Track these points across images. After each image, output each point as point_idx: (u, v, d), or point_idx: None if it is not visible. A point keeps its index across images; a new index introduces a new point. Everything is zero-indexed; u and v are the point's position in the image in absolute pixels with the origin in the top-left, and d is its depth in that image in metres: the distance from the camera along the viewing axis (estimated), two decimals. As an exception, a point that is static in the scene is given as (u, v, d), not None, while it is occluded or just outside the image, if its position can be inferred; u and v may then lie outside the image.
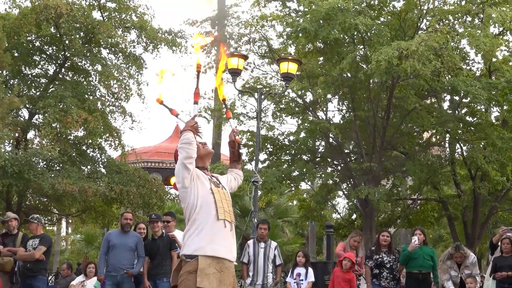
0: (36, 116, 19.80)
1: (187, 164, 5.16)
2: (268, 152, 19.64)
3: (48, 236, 11.08)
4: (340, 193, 22.48)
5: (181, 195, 5.30)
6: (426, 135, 20.76)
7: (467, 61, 19.14)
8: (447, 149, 20.40)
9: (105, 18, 19.93)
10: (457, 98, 19.03)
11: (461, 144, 19.80)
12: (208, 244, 5.08)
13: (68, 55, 19.64)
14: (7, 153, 16.92)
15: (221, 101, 6.46)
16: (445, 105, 20.41)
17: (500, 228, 11.08)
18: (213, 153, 5.63)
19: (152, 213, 11.61)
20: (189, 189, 5.23)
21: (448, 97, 19.82)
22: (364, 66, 17.53)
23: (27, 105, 19.07)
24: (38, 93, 19.65)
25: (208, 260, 5.04)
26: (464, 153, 19.76)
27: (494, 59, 18.08)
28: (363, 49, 17.77)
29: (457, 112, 19.43)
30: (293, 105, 19.69)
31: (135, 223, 11.76)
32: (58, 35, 19.29)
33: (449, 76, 17.62)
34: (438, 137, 19.66)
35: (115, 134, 19.91)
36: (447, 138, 19.68)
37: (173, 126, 29.26)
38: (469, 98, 17.82)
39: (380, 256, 10.78)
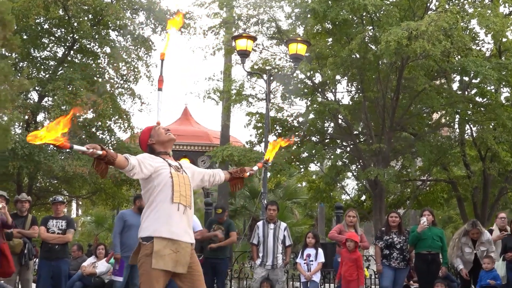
0: (46, 99, 19.86)
1: (134, 176, 5.28)
2: (277, 133, 19.62)
3: (72, 218, 11.26)
4: (349, 174, 22.44)
5: (141, 183, 5.48)
6: (435, 116, 20.67)
7: (477, 41, 19.04)
8: (457, 130, 20.33)
9: (113, 0, 19.90)
10: (466, 78, 18.94)
11: (471, 125, 19.75)
12: (164, 226, 5.29)
13: (77, 37, 19.65)
14: (17, 135, 17.00)
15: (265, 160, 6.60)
16: (455, 85, 20.34)
17: (501, 233, 11.10)
18: (175, 140, 5.80)
19: None
20: (148, 178, 5.40)
21: (458, 77, 19.74)
22: (373, 47, 17.45)
23: (37, 88, 19.13)
24: (47, 76, 19.70)
25: (163, 242, 5.26)
26: (474, 134, 19.70)
27: (504, 39, 18.00)
28: (372, 30, 17.69)
29: (466, 92, 19.36)
30: (302, 86, 19.63)
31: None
32: (67, 18, 19.31)
33: (459, 56, 17.52)
34: (447, 118, 19.59)
35: (124, 116, 19.96)
36: (456, 119, 19.61)
37: (182, 108, 29.35)
38: (479, 79, 17.72)
39: (390, 236, 10.79)
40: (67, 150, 18.10)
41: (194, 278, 5.43)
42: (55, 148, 17.98)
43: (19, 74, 17.71)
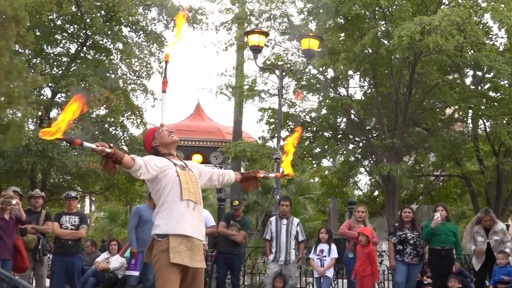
0: (59, 95, 19.95)
1: (140, 176, 5.35)
2: (289, 129, 19.59)
3: (85, 214, 11.32)
4: (362, 169, 22.39)
5: (149, 185, 5.58)
6: (448, 111, 20.58)
7: (490, 35, 18.90)
8: (470, 125, 20.22)
9: (125, -5, 19.95)
10: (480, 73, 18.84)
11: (484, 120, 19.64)
12: (177, 223, 5.38)
13: (89, 33, 19.71)
14: (30, 132, 17.09)
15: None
16: (468, 80, 20.21)
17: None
18: (178, 142, 5.90)
19: None
20: (155, 180, 5.47)
21: (471, 72, 19.61)
22: (386, 42, 17.38)
23: (50, 84, 19.21)
24: (60, 72, 19.78)
25: (178, 239, 5.34)
26: (487, 129, 19.60)
27: (518, 34, 17.87)
28: (384, 25, 17.63)
29: (480, 87, 19.26)
30: (314, 81, 19.59)
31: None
32: (79, 14, 19.38)
33: (472, 51, 17.43)
34: (461, 112, 19.50)
35: (137, 112, 20.02)
36: (470, 114, 19.52)
37: (194, 104, 29.37)
38: (492, 73, 17.64)
39: (404, 232, 10.77)
40: (79, 146, 18.36)
41: (196, 279, 5.49)
42: (68, 144, 18.06)
43: (33, 71, 17.80)
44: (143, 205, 10.84)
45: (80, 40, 20.44)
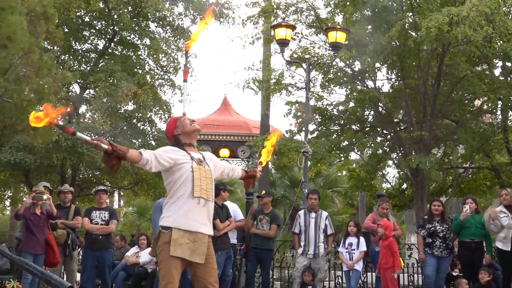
0: (87, 91, 20.11)
1: (151, 169, 5.37)
2: (317, 122, 19.55)
3: (114, 209, 11.43)
4: (390, 162, 22.31)
5: (163, 175, 5.64)
6: (477, 102, 20.38)
7: (519, 26, 18.70)
8: (499, 116, 20.03)
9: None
10: (509, 64, 18.63)
11: (514, 111, 19.46)
12: (183, 219, 5.44)
13: (117, 29, 19.83)
14: (60, 128, 17.23)
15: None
16: (497, 71, 20.00)
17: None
18: (200, 131, 5.95)
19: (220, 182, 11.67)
20: (169, 171, 5.53)
21: (500, 63, 19.41)
22: (414, 34, 17.27)
23: (78, 80, 19.37)
24: (88, 68, 19.94)
25: (181, 231, 5.41)
26: (517, 120, 19.41)
27: (548, 24, 17.64)
28: (412, 16, 17.50)
29: (509, 78, 19.04)
30: (341, 74, 19.52)
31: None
32: (107, 10, 19.49)
33: (501, 42, 17.25)
34: (490, 104, 19.29)
35: (165, 107, 20.11)
36: (499, 105, 19.31)
37: (221, 98, 29.41)
38: (521, 64, 17.47)
39: (433, 225, 10.72)
40: (115, 138, 18.49)
41: (207, 270, 5.55)
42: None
43: (61, 67, 17.97)
44: (164, 199, 10.88)
45: (107, 36, 20.58)
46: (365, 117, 20.15)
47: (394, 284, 10.25)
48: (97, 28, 20.75)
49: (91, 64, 20.08)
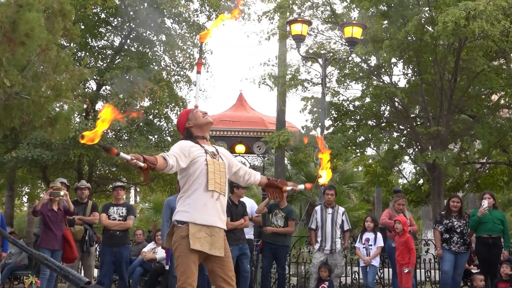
0: (104, 88, 20.19)
1: (172, 172, 5.42)
2: (333, 118, 19.50)
3: (132, 205, 11.51)
4: (407, 158, 22.22)
5: (178, 171, 5.56)
6: (494, 97, 20.24)
7: (537, 20, 18.56)
8: (517, 111, 19.93)
9: (168, -12, 20.07)
10: (527, 58, 18.54)
11: (532, 106, 19.33)
12: (198, 213, 5.42)
13: (133, 26, 19.88)
14: (77, 124, 17.34)
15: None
16: (514, 66, 19.88)
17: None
18: (212, 123, 5.93)
19: None
20: (185, 167, 5.50)
21: (518, 58, 19.31)
22: (430, 29, 17.17)
23: (95, 77, 19.45)
24: (105, 65, 20.01)
25: (198, 226, 5.38)
26: (535, 115, 19.28)
27: None
28: (428, 11, 17.41)
29: (527, 73, 18.94)
30: (357, 70, 19.46)
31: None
32: (123, 7, 19.54)
33: (519, 36, 17.14)
34: (507, 99, 19.17)
35: (181, 103, 20.15)
36: (517, 100, 19.21)
37: (237, 94, 29.42)
38: (539, 58, 17.33)
39: (450, 220, 10.69)
40: (132, 135, 18.56)
41: (225, 264, 5.51)
42: (103, 151, 18.28)
43: (78, 64, 18.06)
44: (173, 196, 10.73)
45: (124, 33, 20.64)
46: (381, 112, 20.08)
47: (407, 279, 10.25)
48: (113, 24, 20.82)
49: (108, 61, 20.15)
